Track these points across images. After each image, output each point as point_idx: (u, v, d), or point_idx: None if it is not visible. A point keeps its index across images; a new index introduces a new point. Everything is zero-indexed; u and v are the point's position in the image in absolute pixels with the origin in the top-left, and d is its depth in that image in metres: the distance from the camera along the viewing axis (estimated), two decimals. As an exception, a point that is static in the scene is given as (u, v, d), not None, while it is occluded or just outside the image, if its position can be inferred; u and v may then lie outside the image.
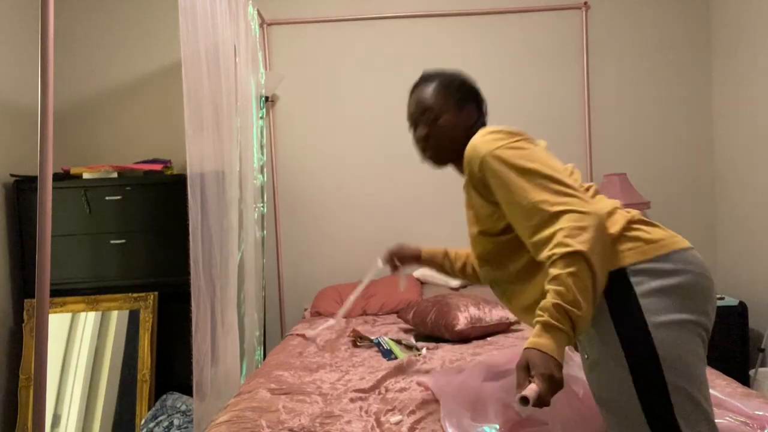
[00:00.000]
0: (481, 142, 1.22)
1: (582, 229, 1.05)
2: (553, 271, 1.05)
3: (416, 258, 1.80)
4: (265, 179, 3.29)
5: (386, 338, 2.31)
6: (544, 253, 1.08)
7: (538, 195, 1.11)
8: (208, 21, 2.17)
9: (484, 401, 1.59)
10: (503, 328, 2.49)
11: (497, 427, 1.43)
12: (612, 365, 1.09)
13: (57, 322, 2.72)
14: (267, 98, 3.32)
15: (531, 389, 0.96)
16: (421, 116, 1.43)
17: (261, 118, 3.22)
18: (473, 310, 2.44)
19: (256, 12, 3.02)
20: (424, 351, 2.22)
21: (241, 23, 2.65)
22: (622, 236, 1.14)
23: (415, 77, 1.56)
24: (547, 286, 1.05)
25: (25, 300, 2.78)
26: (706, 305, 1.12)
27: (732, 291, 3.20)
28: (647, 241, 1.14)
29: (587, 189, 1.25)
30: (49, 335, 1.30)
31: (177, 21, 1.96)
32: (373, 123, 3.44)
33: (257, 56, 3.08)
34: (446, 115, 1.39)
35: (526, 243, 1.15)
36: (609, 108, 3.43)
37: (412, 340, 2.37)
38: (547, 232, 1.09)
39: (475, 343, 2.35)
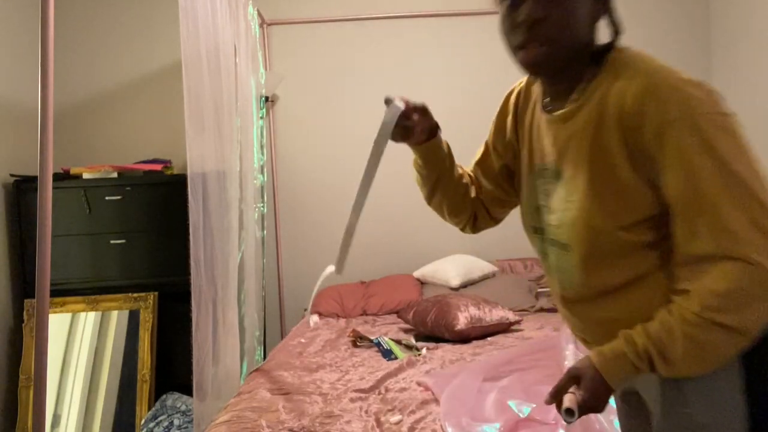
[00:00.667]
0: (677, 83, 0.81)
1: (754, 297, 0.76)
2: (680, 314, 0.79)
3: (433, 128, 1.24)
4: (265, 179, 3.29)
5: (386, 338, 2.31)
6: (692, 286, 0.79)
7: (730, 211, 0.76)
8: (208, 21, 2.17)
9: (483, 401, 1.59)
10: (503, 328, 2.49)
11: (497, 426, 1.43)
12: None
13: (57, 322, 2.72)
14: (267, 98, 3.32)
15: (571, 400, 0.88)
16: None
17: (261, 118, 3.22)
18: (473, 310, 2.44)
19: (256, 12, 3.02)
20: (424, 351, 2.22)
21: (241, 23, 2.65)
22: None
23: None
24: (663, 314, 0.81)
25: (25, 300, 2.78)
26: None
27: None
28: None
29: None
30: (49, 335, 1.30)
31: (177, 21, 1.96)
32: (373, 123, 3.43)
33: (257, 56, 3.08)
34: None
35: (679, 247, 0.82)
36: (609, 108, 3.43)
37: (412, 340, 2.37)
38: (711, 265, 0.77)
39: (475, 343, 2.35)
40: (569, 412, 0.86)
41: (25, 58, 2.99)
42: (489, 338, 2.41)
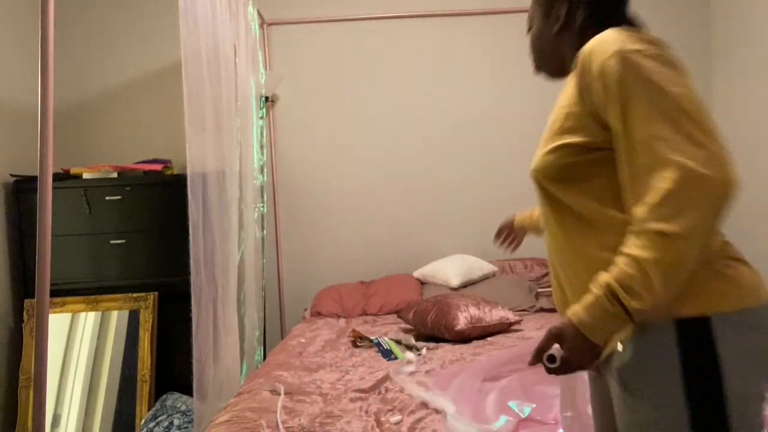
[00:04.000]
0: (611, 37, 0.92)
1: (692, 202, 0.78)
2: (632, 243, 0.83)
3: (522, 228, 1.54)
4: (265, 179, 3.29)
5: (386, 338, 2.31)
6: (640, 212, 0.82)
7: (661, 130, 0.83)
8: (208, 21, 2.17)
9: (484, 401, 1.59)
10: (503, 328, 2.49)
11: (505, 418, 1.43)
12: (661, 403, 0.87)
13: (57, 322, 2.72)
14: (267, 98, 3.32)
15: (557, 349, 0.89)
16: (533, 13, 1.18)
17: (261, 118, 3.22)
18: (473, 310, 2.44)
19: (256, 12, 3.02)
20: (424, 351, 2.22)
21: (241, 23, 2.65)
22: (714, 271, 0.89)
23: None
24: (619, 256, 0.84)
25: (25, 300, 2.78)
26: None
27: (732, 291, 3.19)
28: (741, 286, 0.89)
29: None
30: (49, 335, 1.30)
31: (177, 21, 1.96)
32: (373, 123, 3.44)
33: (257, 56, 3.08)
34: (535, 25, 1.17)
35: (626, 184, 0.88)
36: (609, 108, 3.43)
37: (412, 340, 2.37)
38: (648, 186, 0.82)
39: (475, 343, 2.35)
40: (551, 359, 0.89)
41: (25, 58, 2.99)
42: (489, 338, 2.41)
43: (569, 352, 0.87)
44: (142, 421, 2.52)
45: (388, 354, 2.16)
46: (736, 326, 0.85)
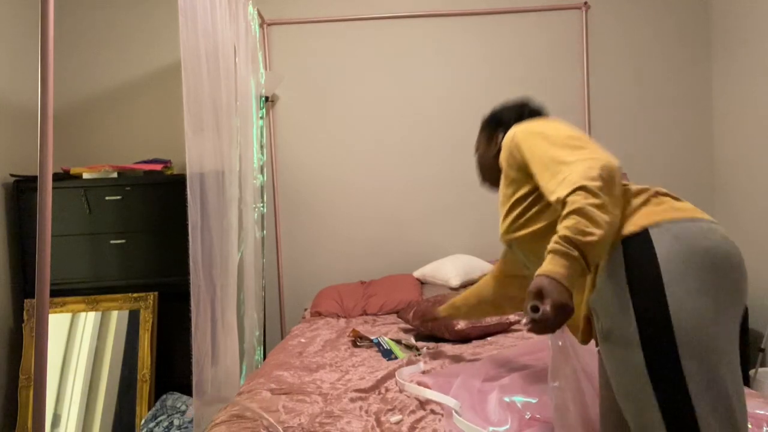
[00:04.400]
0: (514, 127, 1.37)
1: (592, 168, 1.09)
2: (564, 209, 1.08)
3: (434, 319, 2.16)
4: (265, 179, 3.30)
5: (386, 338, 2.31)
6: (556, 195, 1.12)
7: (556, 151, 1.20)
8: (207, 21, 2.17)
9: (484, 401, 1.59)
10: (503, 328, 2.49)
11: (507, 427, 1.44)
12: (623, 335, 1.04)
13: (57, 322, 2.72)
14: (267, 98, 3.32)
15: (539, 302, 1.01)
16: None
17: (261, 118, 3.22)
18: (473, 310, 2.43)
19: (256, 12, 3.02)
20: (424, 351, 2.22)
21: (241, 23, 2.65)
22: (647, 200, 1.15)
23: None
24: (560, 220, 1.07)
25: (25, 300, 2.78)
26: (736, 278, 1.04)
27: (732, 291, 3.19)
28: (675, 207, 1.12)
29: None
30: (49, 335, 1.30)
31: (177, 21, 1.96)
32: (373, 123, 3.44)
33: (257, 56, 3.08)
34: (480, 146, 1.62)
35: (546, 194, 1.19)
36: (609, 108, 3.43)
37: (412, 340, 2.37)
38: (559, 177, 1.14)
39: (475, 343, 2.35)
40: (534, 308, 1.01)
41: (25, 58, 2.99)
42: (489, 338, 2.41)
43: (552, 302, 0.99)
44: (142, 421, 2.52)
45: (388, 354, 2.16)
46: (666, 231, 1.06)
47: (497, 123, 1.57)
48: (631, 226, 1.10)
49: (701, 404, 0.97)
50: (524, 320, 1.01)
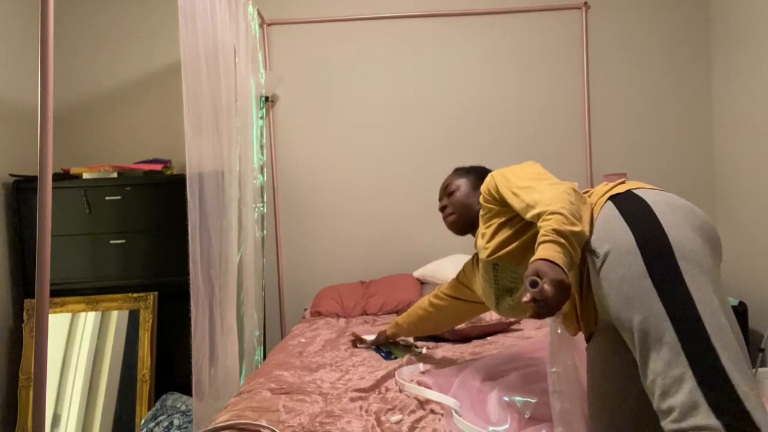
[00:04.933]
0: (493, 173, 1.56)
1: (559, 187, 1.30)
2: (546, 217, 1.22)
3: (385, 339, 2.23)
4: (265, 179, 3.30)
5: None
6: (535, 211, 1.27)
7: (528, 184, 1.39)
8: (207, 21, 2.17)
9: (483, 401, 1.59)
10: (503, 328, 2.49)
11: (506, 427, 1.44)
12: (623, 252, 1.13)
13: (57, 322, 2.73)
14: (267, 98, 3.32)
15: (538, 278, 1.07)
16: (442, 195, 1.87)
17: (261, 118, 3.22)
18: (473, 310, 2.43)
19: (256, 12, 3.02)
20: (423, 351, 2.22)
21: (241, 23, 2.65)
22: (620, 183, 1.34)
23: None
24: (542, 222, 1.21)
25: (25, 300, 2.78)
26: (711, 234, 1.18)
27: (732, 291, 3.20)
28: (648, 184, 1.33)
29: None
30: (49, 335, 1.30)
31: (177, 21, 1.96)
32: (373, 122, 3.44)
33: (257, 56, 3.08)
34: (459, 188, 1.81)
35: (522, 213, 1.37)
36: (609, 108, 3.43)
37: (411, 340, 2.37)
38: (533, 197, 1.32)
39: (475, 342, 2.35)
40: (533, 283, 1.06)
41: (25, 58, 2.99)
42: (489, 338, 2.41)
43: (550, 278, 1.05)
44: (142, 421, 2.52)
45: (388, 356, 2.16)
46: (647, 192, 1.24)
47: (480, 175, 1.81)
48: (614, 191, 1.28)
49: (698, 290, 1.06)
50: (525, 297, 1.06)
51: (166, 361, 2.84)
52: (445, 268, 3.13)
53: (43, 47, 1.22)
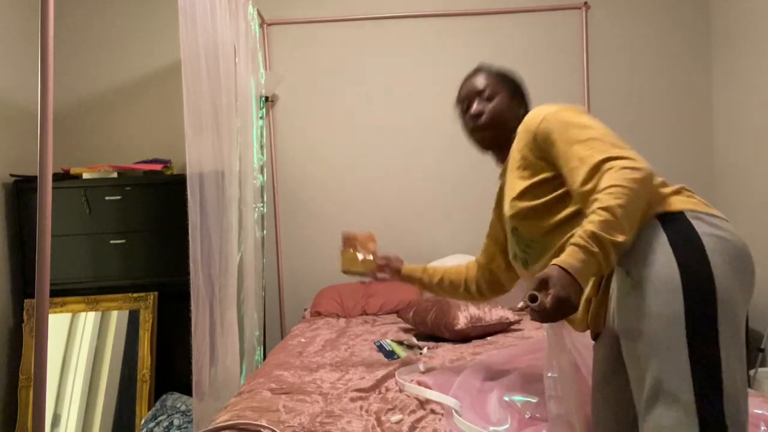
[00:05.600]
0: (541, 108, 1.35)
1: (634, 170, 1.09)
2: (593, 204, 1.07)
3: (397, 271, 1.94)
4: (265, 179, 3.29)
5: (388, 340, 2.32)
6: (588, 186, 1.14)
7: (593, 146, 1.18)
8: (207, 21, 2.17)
9: (484, 401, 1.59)
10: (503, 328, 2.49)
11: (507, 426, 1.44)
12: (661, 288, 1.02)
13: (57, 322, 2.72)
14: (267, 98, 3.32)
15: (539, 292, 1.00)
16: (476, 96, 1.61)
17: (261, 118, 3.22)
18: (473, 310, 2.44)
19: (256, 12, 3.02)
20: (425, 350, 2.22)
21: (241, 23, 2.65)
22: (678, 191, 1.20)
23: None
24: (589, 214, 1.07)
25: (25, 300, 2.78)
26: (751, 278, 1.10)
27: (732, 291, 3.19)
28: (705, 203, 1.17)
29: None
30: (49, 335, 1.30)
31: (177, 21, 1.96)
32: (373, 123, 3.44)
33: (257, 56, 3.08)
34: (499, 96, 1.55)
35: (574, 189, 1.19)
36: (609, 108, 3.43)
37: (414, 340, 2.37)
38: (597, 174, 1.14)
39: (475, 342, 2.35)
40: (532, 297, 1.00)
41: (25, 58, 2.99)
42: (489, 338, 2.41)
43: (556, 293, 0.99)
44: (142, 421, 2.52)
45: (390, 356, 2.17)
46: (706, 221, 1.09)
47: (519, 92, 1.61)
48: (668, 207, 1.13)
49: (728, 357, 0.98)
50: (520, 304, 1.05)
51: (166, 361, 2.84)
52: (445, 268, 3.13)
53: (43, 47, 1.22)
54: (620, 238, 1.03)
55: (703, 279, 1.01)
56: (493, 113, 1.52)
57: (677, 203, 1.14)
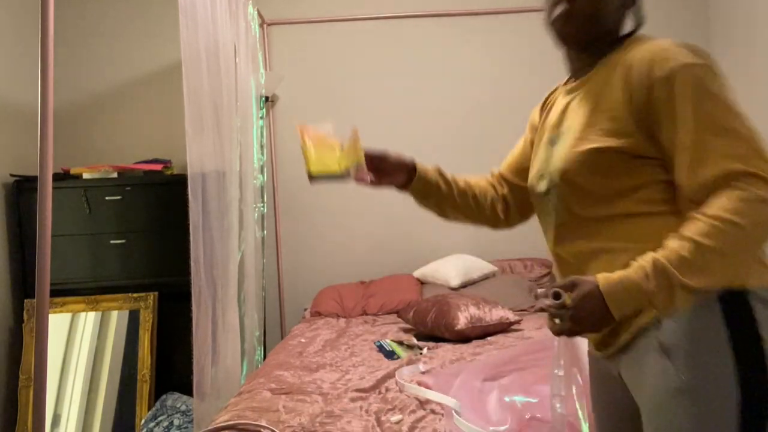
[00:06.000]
0: (677, 50, 0.92)
1: (762, 204, 0.82)
2: (694, 229, 0.84)
3: (409, 168, 1.33)
4: (265, 179, 3.29)
5: (388, 340, 2.32)
6: (701, 196, 0.86)
7: (733, 145, 0.86)
8: (208, 21, 2.17)
9: (484, 401, 1.59)
10: (503, 328, 2.49)
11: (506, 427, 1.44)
12: (717, 402, 0.86)
13: (57, 322, 2.72)
14: (267, 98, 3.32)
15: (568, 295, 0.86)
16: None
17: (261, 118, 3.22)
18: (473, 310, 2.44)
19: (256, 12, 3.02)
20: (425, 350, 2.22)
21: (241, 23, 2.65)
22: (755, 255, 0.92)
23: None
24: (673, 239, 0.85)
25: (25, 300, 2.78)
26: None
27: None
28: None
29: None
30: (49, 335, 1.30)
31: (177, 21, 1.96)
32: (372, 122, 3.44)
33: (257, 56, 3.08)
34: None
35: (680, 186, 0.90)
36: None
37: (414, 340, 2.37)
38: (718, 188, 0.85)
39: (475, 342, 2.35)
40: (556, 295, 0.86)
41: (25, 58, 2.99)
42: (489, 338, 2.41)
43: (575, 309, 0.86)
44: (142, 421, 2.52)
45: (390, 356, 2.17)
46: (764, 301, 0.87)
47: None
48: (732, 280, 0.87)
49: None
50: (540, 290, 0.92)
51: (166, 361, 2.84)
52: (446, 268, 3.13)
53: (43, 47, 1.22)
54: (694, 282, 0.83)
55: (764, 404, 0.85)
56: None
57: (745, 277, 0.88)
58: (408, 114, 3.44)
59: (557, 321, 0.88)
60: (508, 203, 1.27)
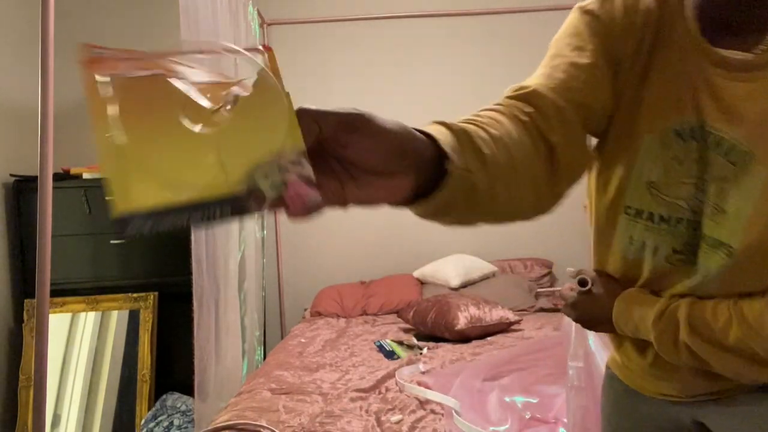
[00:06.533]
0: None
1: None
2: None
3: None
4: (265, 179, 3.29)
5: (388, 340, 2.32)
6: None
7: None
8: (208, 21, 2.17)
9: (484, 401, 1.59)
10: (503, 328, 2.49)
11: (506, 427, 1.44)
12: None
13: (57, 322, 2.72)
14: (267, 98, 3.32)
15: (592, 278, 0.81)
16: None
17: (261, 118, 3.21)
18: (473, 310, 2.44)
19: (256, 12, 3.02)
20: (425, 350, 2.22)
21: (241, 23, 2.65)
22: None
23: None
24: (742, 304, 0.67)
25: (25, 300, 2.78)
26: None
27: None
28: None
29: None
30: (49, 335, 1.30)
31: (177, 21, 1.96)
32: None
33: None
34: None
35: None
36: (609, 108, 3.43)
37: (414, 340, 2.37)
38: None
39: (475, 342, 2.35)
40: (583, 282, 0.80)
41: (25, 58, 2.99)
42: (489, 338, 2.41)
43: (579, 317, 0.81)
44: (142, 421, 2.52)
45: (390, 356, 2.17)
46: None
47: None
48: None
49: None
50: (570, 270, 0.83)
51: (166, 361, 2.84)
52: (446, 268, 3.13)
53: (43, 47, 1.22)
54: (714, 357, 0.68)
55: None
56: None
57: None
58: (408, 114, 3.44)
59: (570, 306, 0.83)
60: (556, 157, 0.66)
